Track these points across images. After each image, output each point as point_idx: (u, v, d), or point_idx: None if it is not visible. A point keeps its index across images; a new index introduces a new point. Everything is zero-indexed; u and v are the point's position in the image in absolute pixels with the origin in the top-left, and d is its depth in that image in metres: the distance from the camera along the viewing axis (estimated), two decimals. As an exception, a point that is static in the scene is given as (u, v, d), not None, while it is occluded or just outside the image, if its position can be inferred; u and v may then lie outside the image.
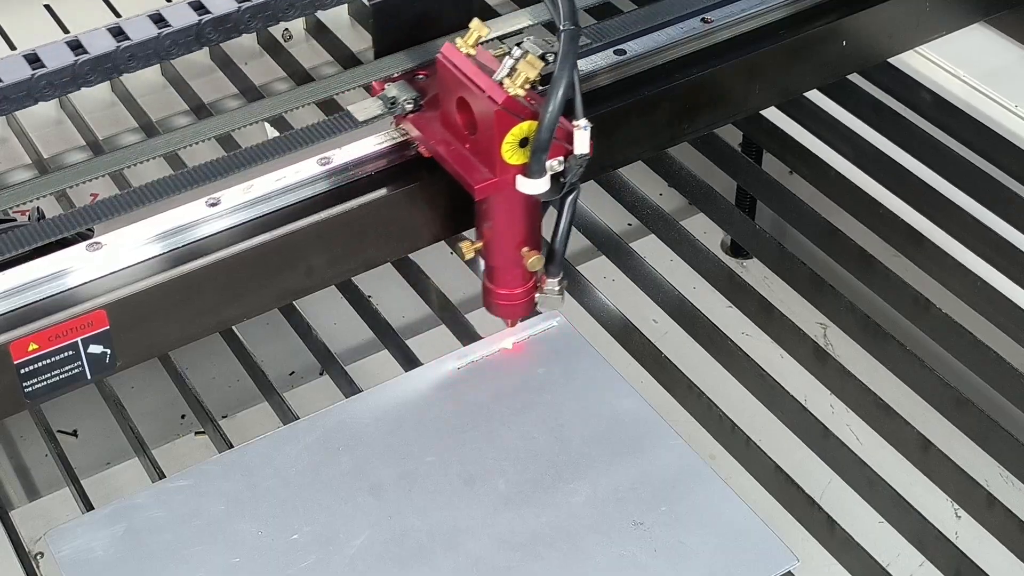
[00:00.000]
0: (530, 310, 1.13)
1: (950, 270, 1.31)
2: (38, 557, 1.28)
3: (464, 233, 1.15)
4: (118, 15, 1.68)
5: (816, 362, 1.26)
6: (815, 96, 1.45)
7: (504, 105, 1.01)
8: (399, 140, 1.12)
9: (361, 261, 1.15)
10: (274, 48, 1.73)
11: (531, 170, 1.02)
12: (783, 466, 1.16)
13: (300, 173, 1.10)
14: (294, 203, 1.09)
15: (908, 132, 1.41)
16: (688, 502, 1.06)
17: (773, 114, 1.47)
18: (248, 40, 1.77)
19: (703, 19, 1.25)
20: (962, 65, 1.46)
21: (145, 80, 1.67)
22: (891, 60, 1.42)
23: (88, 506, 1.15)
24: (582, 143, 1.02)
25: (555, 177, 1.04)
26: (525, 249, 1.09)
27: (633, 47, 1.21)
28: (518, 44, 1.04)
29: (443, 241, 1.26)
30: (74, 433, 1.61)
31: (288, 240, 1.08)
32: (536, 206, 1.08)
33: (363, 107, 1.11)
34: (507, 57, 1.02)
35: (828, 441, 1.18)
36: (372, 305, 1.39)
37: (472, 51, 1.05)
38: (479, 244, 1.10)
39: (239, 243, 1.07)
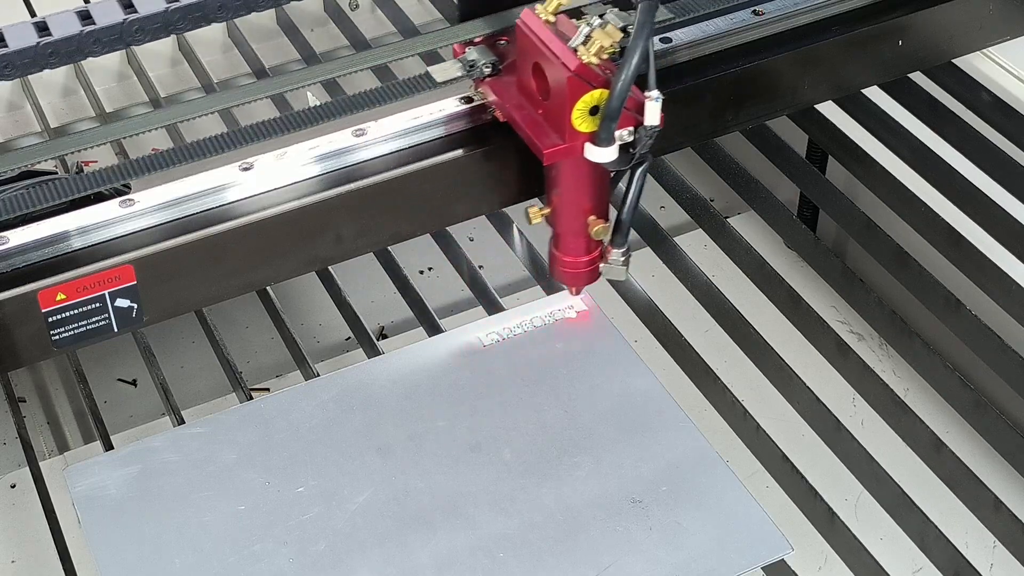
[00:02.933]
0: (594, 278, 1.14)
1: (988, 273, 1.30)
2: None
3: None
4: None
5: (838, 356, 1.26)
6: (875, 94, 1.43)
7: (576, 72, 1.01)
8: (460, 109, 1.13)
9: (389, 233, 1.16)
10: (339, 16, 1.76)
11: (600, 138, 1.02)
12: (791, 457, 1.17)
13: (333, 143, 1.11)
14: (326, 172, 1.11)
15: (963, 133, 1.40)
16: (690, 484, 1.07)
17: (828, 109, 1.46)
18: (314, 6, 1.80)
19: (754, 11, 1.24)
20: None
21: (210, 39, 1.71)
22: (955, 62, 1.40)
23: (110, 447, 1.19)
24: (653, 115, 1.02)
25: (625, 147, 1.04)
26: (592, 217, 1.09)
27: (680, 36, 1.21)
28: (601, 15, 1.04)
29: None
30: (133, 382, 1.66)
31: (316, 208, 1.10)
32: (604, 175, 1.08)
33: (443, 69, 1.12)
34: (584, 25, 1.03)
35: (840, 434, 1.18)
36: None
37: (552, 18, 1.06)
38: (547, 210, 1.11)
39: (267, 208, 1.08)
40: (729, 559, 1.02)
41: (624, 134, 1.03)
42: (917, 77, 1.41)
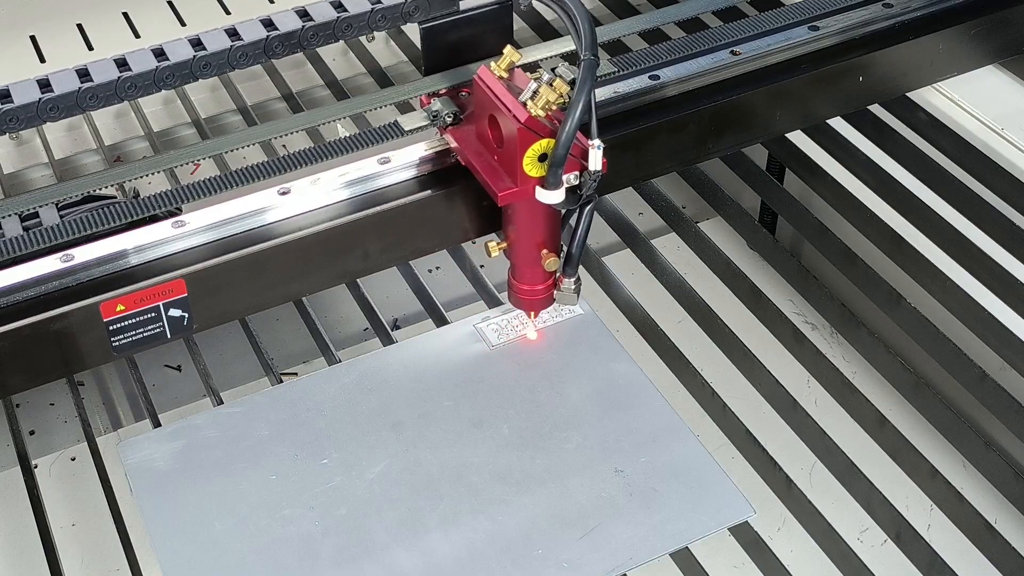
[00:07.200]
0: (549, 304, 1.13)
1: (926, 271, 1.30)
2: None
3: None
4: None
5: (795, 343, 1.26)
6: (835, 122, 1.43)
7: (525, 123, 1.00)
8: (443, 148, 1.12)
9: (411, 249, 1.15)
10: (356, 46, 1.76)
11: (548, 182, 1.01)
12: (754, 431, 1.17)
13: (361, 170, 1.10)
14: (355, 196, 1.10)
15: (903, 148, 1.39)
16: (665, 455, 1.07)
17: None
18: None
19: (732, 51, 1.22)
20: (975, 103, 1.42)
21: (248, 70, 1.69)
22: (910, 95, 1.39)
23: (158, 424, 1.19)
24: (595, 161, 1.01)
25: (572, 190, 1.03)
26: (544, 251, 1.08)
27: (667, 73, 1.20)
28: (553, 69, 1.03)
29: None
30: (178, 368, 1.66)
31: (347, 228, 1.09)
32: (555, 214, 1.07)
33: (410, 118, 1.12)
34: (532, 81, 1.02)
35: (796, 411, 1.18)
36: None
37: (504, 74, 1.05)
38: (504, 244, 1.10)
39: (303, 228, 1.07)
40: (700, 521, 1.02)
41: (571, 178, 1.02)
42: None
